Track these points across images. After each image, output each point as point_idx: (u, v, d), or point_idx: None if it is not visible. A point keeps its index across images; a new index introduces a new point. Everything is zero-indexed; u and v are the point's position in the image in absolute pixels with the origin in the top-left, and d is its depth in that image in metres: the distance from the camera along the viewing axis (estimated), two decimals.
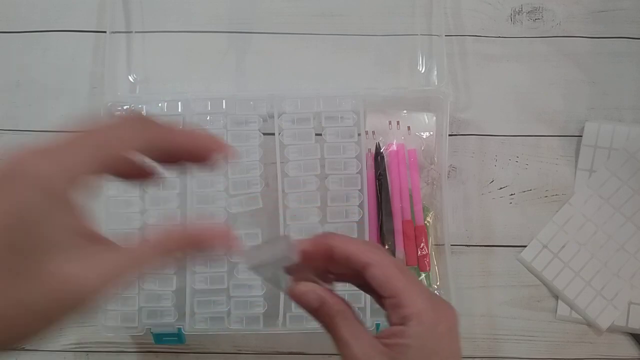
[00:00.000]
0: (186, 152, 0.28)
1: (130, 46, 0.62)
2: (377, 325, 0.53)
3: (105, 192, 0.56)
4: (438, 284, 0.57)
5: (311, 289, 0.33)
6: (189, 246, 0.28)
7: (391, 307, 0.33)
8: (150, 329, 0.55)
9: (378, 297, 0.34)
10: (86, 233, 0.25)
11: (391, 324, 0.33)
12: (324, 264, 0.34)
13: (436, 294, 0.37)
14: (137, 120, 0.27)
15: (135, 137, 0.26)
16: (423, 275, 0.57)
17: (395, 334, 0.32)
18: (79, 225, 0.25)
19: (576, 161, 0.60)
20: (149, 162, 0.28)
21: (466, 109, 0.61)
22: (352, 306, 0.34)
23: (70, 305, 0.24)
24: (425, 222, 0.57)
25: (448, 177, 0.59)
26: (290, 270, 0.34)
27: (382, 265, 0.32)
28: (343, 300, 0.34)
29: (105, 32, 0.59)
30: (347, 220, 0.55)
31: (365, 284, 0.34)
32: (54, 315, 0.24)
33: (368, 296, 0.48)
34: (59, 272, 0.23)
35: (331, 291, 0.34)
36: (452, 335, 0.33)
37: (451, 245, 0.56)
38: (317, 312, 0.33)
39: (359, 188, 0.55)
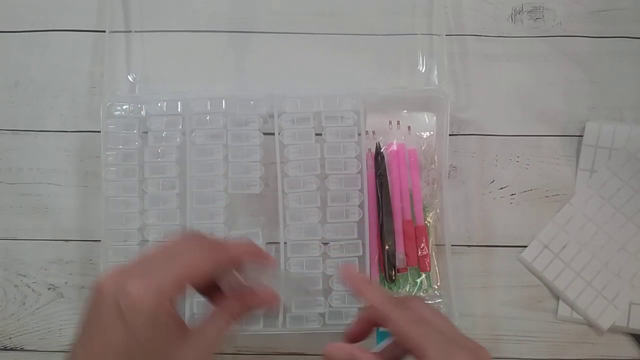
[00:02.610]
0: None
1: (129, 46, 0.62)
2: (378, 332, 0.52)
3: (105, 192, 0.56)
4: (438, 284, 0.57)
5: (342, 348, 0.37)
6: (246, 309, 0.39)
7: (413, 354, 0.35)
8: None
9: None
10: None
11: None
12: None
13: (462, 339, 0.36)
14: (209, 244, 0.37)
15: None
16: (423, 275, 0.57)
17: None
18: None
19: (577, 161, 0.60)
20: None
21: (467, 108, 0.60)
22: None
23: None
24: (426, 222, 0.57)
25: (448, 177, 0.58)
26: None
27: (396, 321, 0.36)
28: (374, 355, 0.37)
29: (104, 31, 0.59)
30: (347, 220, 0.55)
31: None
32: None
33: None
34: None
35: (361, 348, 0.37)
36: None
37: (452, 245, 0.56)
38: None
39: (359, 188, 0.55)
